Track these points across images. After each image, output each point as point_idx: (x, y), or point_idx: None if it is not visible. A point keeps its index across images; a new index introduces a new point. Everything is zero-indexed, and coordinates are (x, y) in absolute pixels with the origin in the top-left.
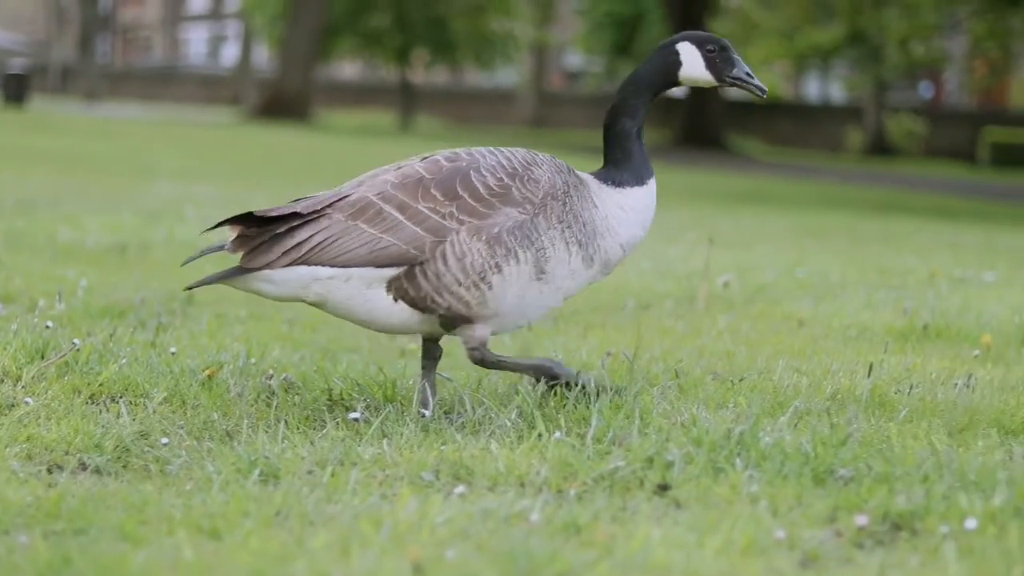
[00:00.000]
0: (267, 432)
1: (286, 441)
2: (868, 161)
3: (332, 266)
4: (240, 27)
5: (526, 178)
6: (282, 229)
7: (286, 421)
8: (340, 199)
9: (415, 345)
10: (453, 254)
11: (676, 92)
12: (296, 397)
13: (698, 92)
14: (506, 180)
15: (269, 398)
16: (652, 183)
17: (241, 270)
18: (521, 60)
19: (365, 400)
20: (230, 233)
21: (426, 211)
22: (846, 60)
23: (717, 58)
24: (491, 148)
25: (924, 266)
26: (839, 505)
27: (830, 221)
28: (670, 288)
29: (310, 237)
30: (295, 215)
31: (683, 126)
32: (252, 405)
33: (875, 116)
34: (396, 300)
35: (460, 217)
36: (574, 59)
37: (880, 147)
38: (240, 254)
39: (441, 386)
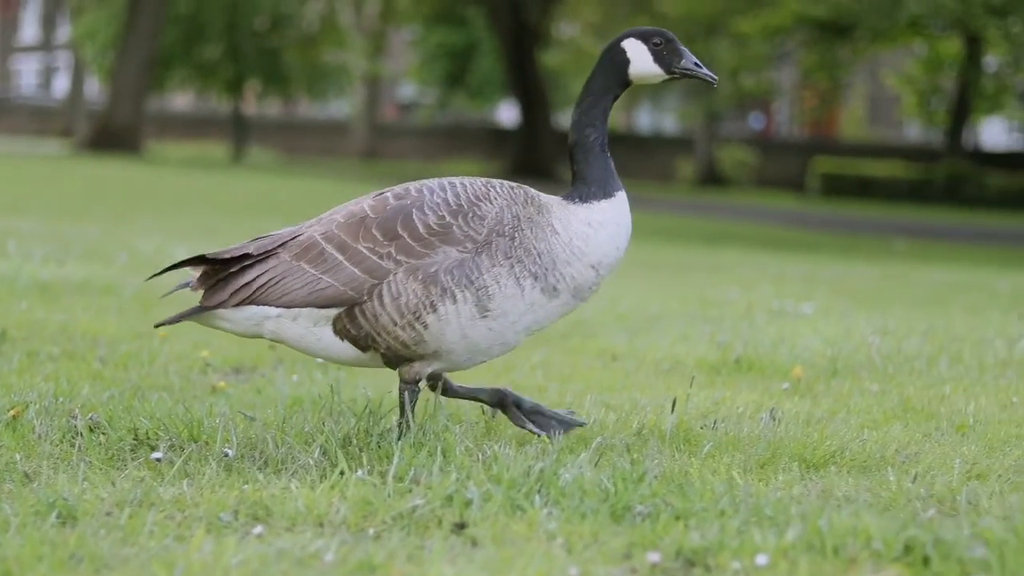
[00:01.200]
0: (68, 473)
1: (87, 482)
2: (699, 191)
3: (277, 306)
4: (71, 58)
5: (470, 215)
6: (235, 268)
7: (89, 462)
8: (292, 238)
9: (225, 383)
10: (389, 294)
11: (506, 122)
12: (101, 437)
13: (529, 123)
14: (448, 218)
15: (74, 438)
16: (621, 195)
17: (200, 308)
18: (354, 92)
19: (170, 439)
20: (192, 272)
21: (364, 251)
22: (677, 91)
23: (664, 50)
24: (446, 181)
25: (744, 298)
26: (634, 542)
27: (658, 253)
28: None
29: (257, 277)
30: (246, 255)
31: (515, 157)
32: (56, 445)
33: (706, 147)
34: (342, 339)
35: (398, 257)
36: (407, 90)
37: (711, 177)
38: (199, 292)
39: (247, 425)
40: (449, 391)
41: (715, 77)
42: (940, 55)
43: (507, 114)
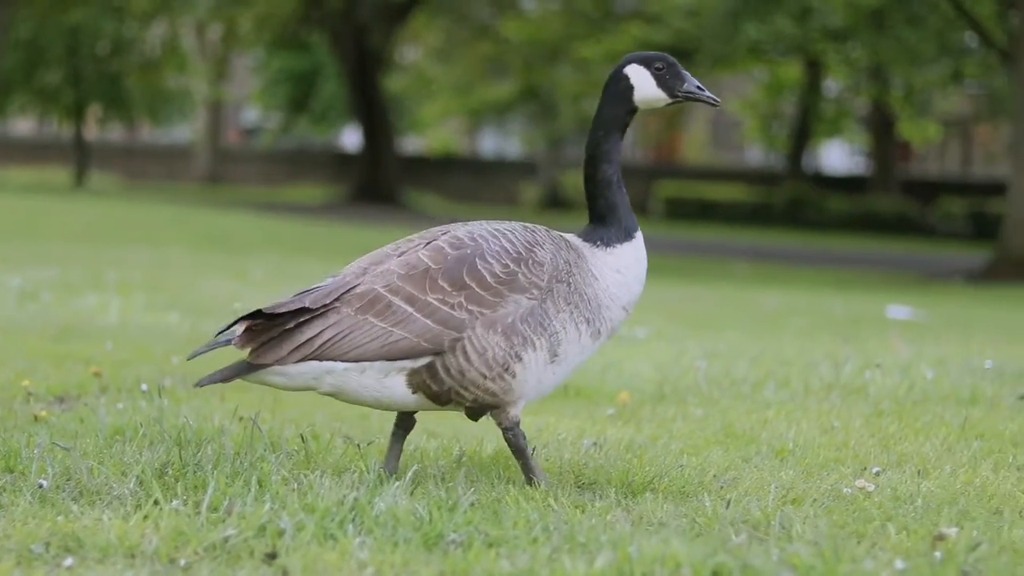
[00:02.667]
0: None
1: None
2: (543, 215)
3: (345, 360)
4: None
5: (530, 262)
6: (291, 325)
7: None
8: (347, 291)
9: (47, 411)
10: (474, 350)
11: (350, 147)
12: None
13: (372, 148)
14: (512, 266)
15: None
16: (639, 236)
17: (250, 366)
18: (196, 117)
19: None
20: (238, 328)
21: (435, 303)
22: (521, 116)
23: (667, 74)
24: (491, 229)
25: None
26: (445, 571)
27: None
28: None
29: (321, 332)
30: (304, 310)
31: (358, 182)
32: None
33: (550, 171)
34: (414, 392)
35: (469, 308)
36: (251, 115)
37: (555, 201)
38: (248, 349)
39: (65, 455)
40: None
41: (718, 100)
42: (781, 80)
43: (351, 139)
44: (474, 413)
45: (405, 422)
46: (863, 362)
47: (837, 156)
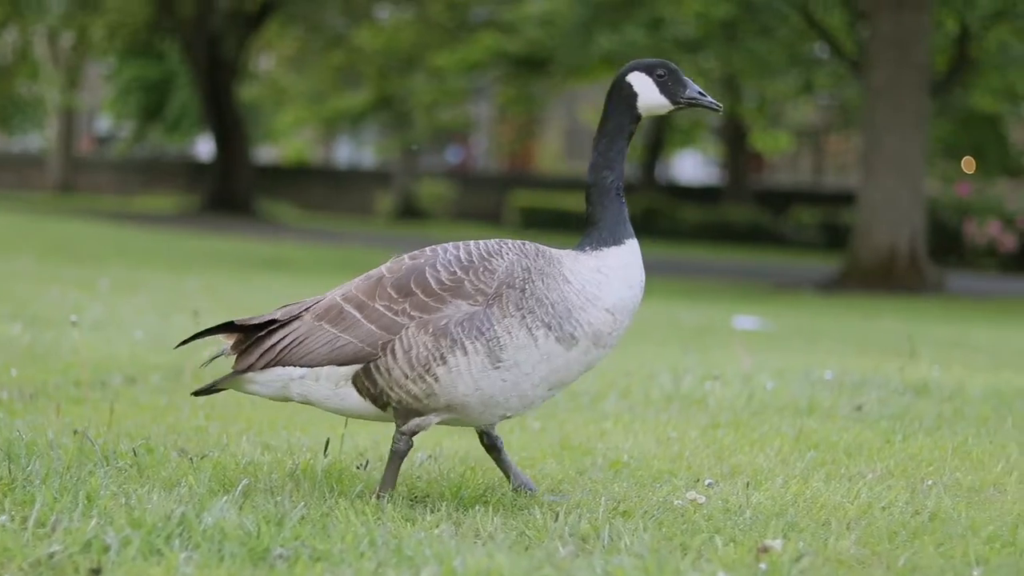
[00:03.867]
0: None
1: None
2: (397, 225)
3: (300, 365)
4: None
5: (481, 269)
6: (263, 333)
7: None
8: (316, 303)
9: None
10: (401, 348)
11: (204, 156)
12: None
13: (225, 157)
14: (459, 273)
15: None
16: (631, 243)
17: (233, 373)
18: (48, 125)
19: None
20: (225, 340)
21: (381, 308)
22: (375, 125)
23: (668, 81)
24: (461, 243)
25: None
26: None
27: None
28: (161, 360)
29: (282, 339)
30: (273, 321)
31: (211, 191)
32: None
33: (404, 180)
34: (363, 398)
35: (412, 313)
36: (104, 123)
37: (409, 211)
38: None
39: None
40: (494, 452)
41: (720, 105)
42: None
43: (205, 148)
44: (401, 417)
45: (487, 438)
46: (704, 373)
47: (691, 166)
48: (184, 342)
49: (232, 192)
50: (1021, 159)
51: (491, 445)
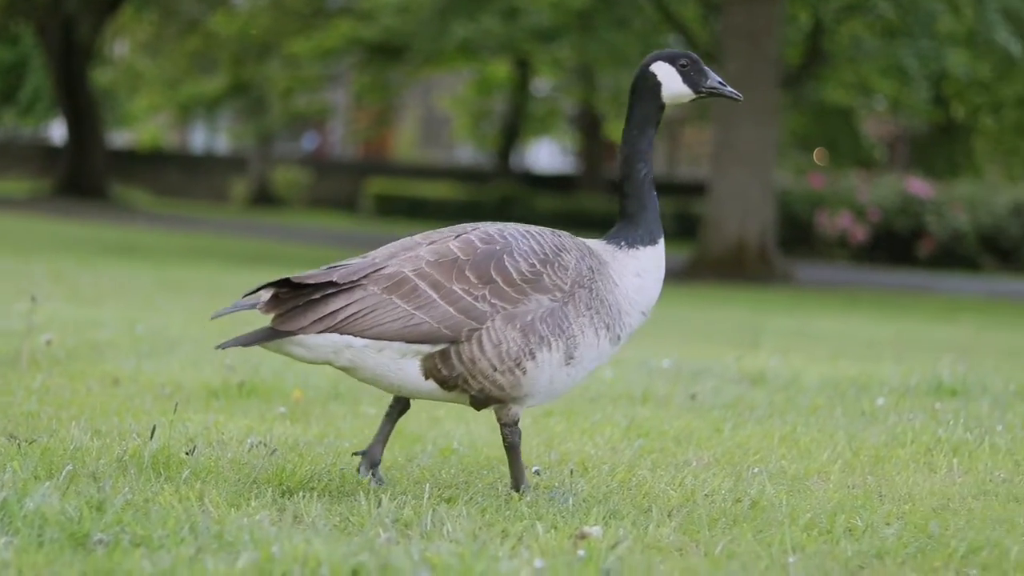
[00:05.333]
0: None
1: None
2: (252, 211)
3: (364, 337)
4: None
5: (556, 264)
6: (317, 296)
7: None
8: (376, 271)
9: None
10: (489, 340)
11: (58, 140)
12: None
13: (78, 141)
14: (538, 266)
15: None
16: (662, 242)
17: (273, 332)
18: None
19: None
20: (264, 294)
21: (460, 291)
22: (230, 111)
23: (691, 70)
24: (521, 229)
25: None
26: (88, 571)
27: (194, 274)
28: None
29: (345, 306)
30: (331, 283)
31: (63, 175)
32: None
33: (259, 166)
34: (427, 378)
35: (492, 301)
36: None
37: (264, 197)
38: (272, 315)
39: None
40: (393, 418)
41: (740, 95)
42: (490, 79)
43: (59, 131)
44: (478, 404)
45: (400, 403)
46: None
47: (546, 155)
48: (248, 294)
49: (85, 176)
50: (873, 151)
51: (399, 413)
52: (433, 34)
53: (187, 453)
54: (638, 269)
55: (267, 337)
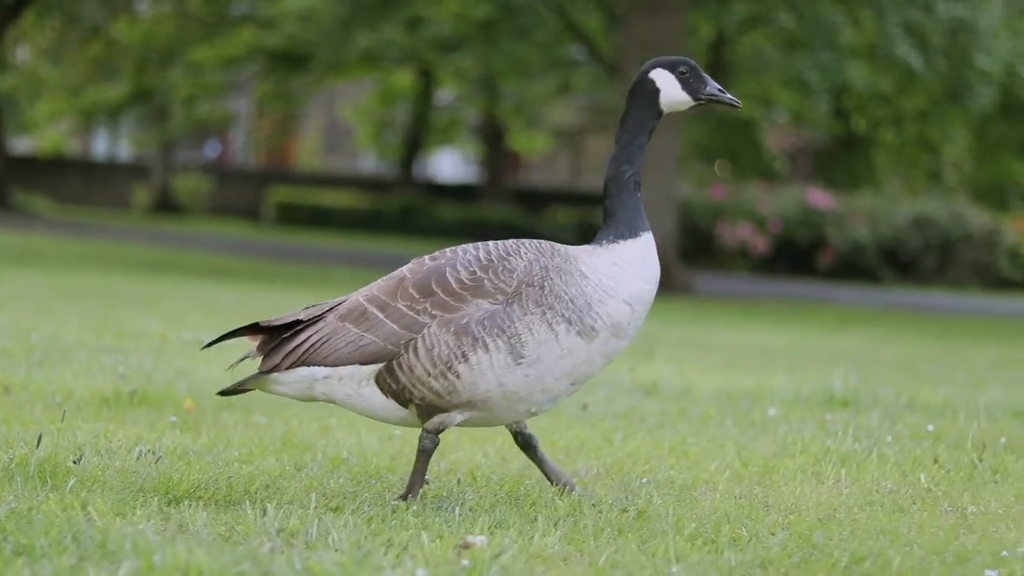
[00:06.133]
0: None
1: None
2: (154, 219)
3: (324, 365)
4: None
5: (500, 269)
6: (288, 334)
7: None
8: (339, 304)
9: None
10: (423, 345)
11: None
12: None
13: None
14: (479, 273)
15: None
16: (647, 236)
17: (259, 374)
18: None
19: None
20: (250, 342)
21: (403, 308)
22: (133, 118)
23: (690, 77)
24: (480, 243)
25: (162, 329)
26: None
27: (93, 281)
28: None
29: (307, 339)
30: (298, 321)
31: None
32: None
33: (161, 174)
34: (386, 396)
35: (433, 312)
36: None
37: (166, 205)
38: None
39: None
40: (529, 450)
41: (739, 102)
42: (394, 88)
43: None
44: (423, 415)
45: (520, 437)
46: None
47: (449, 165)
48: (210, 344)
49: None
50: (774, 163)
51: (526, 444)
52: (336, 43)
53: (74, 461)
54: (615, 259)
55: (254, 378)
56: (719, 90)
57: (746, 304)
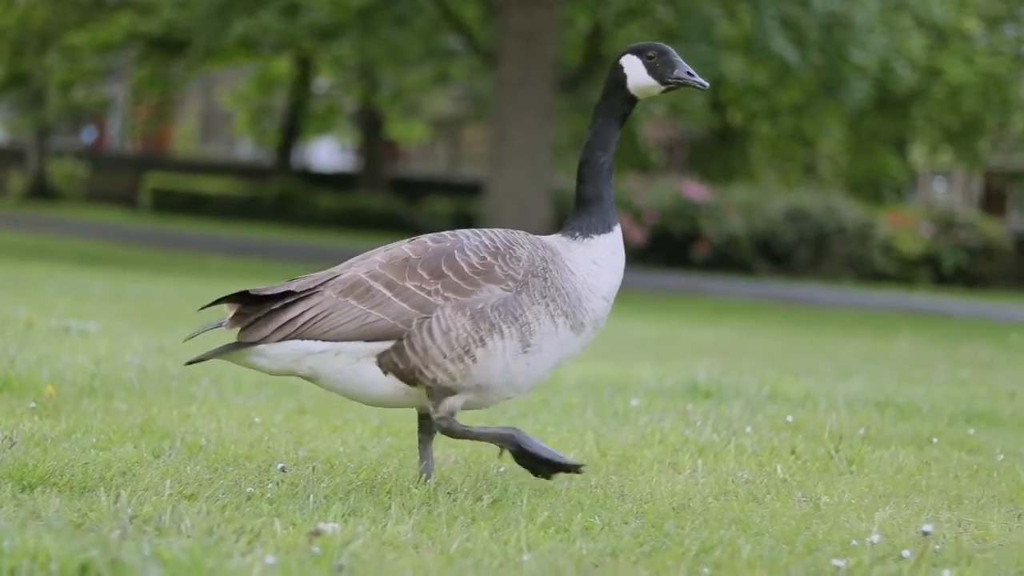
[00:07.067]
0: None
1: None
2: (28, 205)
3: (323, 340)
4: None
5: (508, 256)
6: (277, 306)
7: None
8: (332, 278)
9: None
10: (439, 328)
11: None
12: None
13: None
14: (489, 259)
15: None
16: (617, 229)
17: (238, 345)
18: None
19: None
20: (228, 311)
21: (413, 288)
22: (8, 102)
23: (657, 62)
24: (474, 230)
25: (30, 316)
26: None
27: None
28: None
29: (303, 313)
30: (289, 293)
31: None
32: None
33: (37, 159)
34: (386, 373)
35: (445, 294)
36: None
37: (41, 191)
38: (237, 330)
39: None
40: (425, 436)
41: (706, 84)
42: (271, 75)
43: None
44: (432, 396)
45: (428, 426)
46: None
47: (327, 153)
48: (204, 307)
49: None
50: (650, 155)
51: (426, 429)
52: (213, 29)
53: None
54: (594, 257)
55: (231, 349)
56: (688, 73)
57: (621, 295)
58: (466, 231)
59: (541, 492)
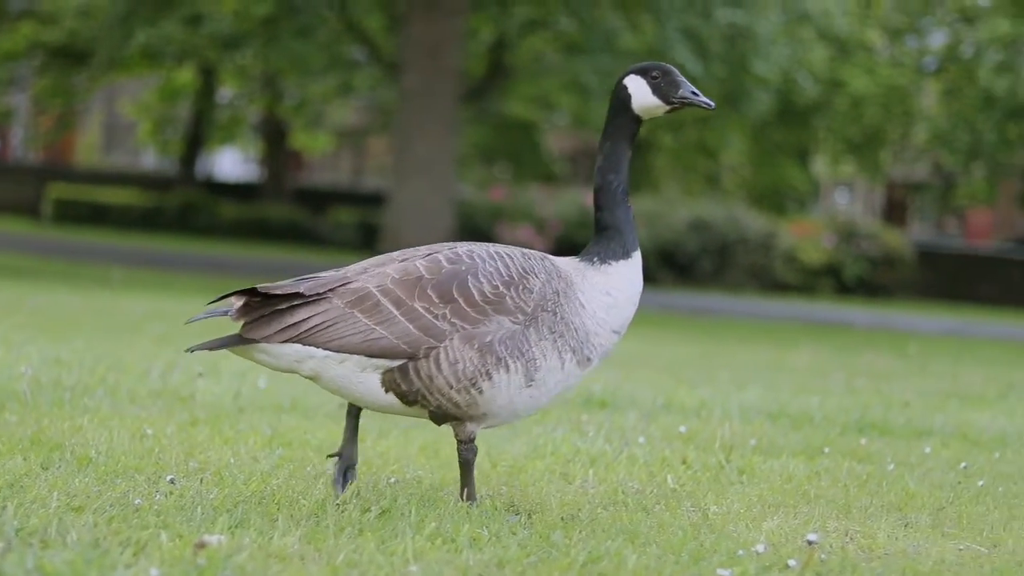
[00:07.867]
0: None
1: None
2: None
3: (327, 349)
4: None
5: (521, 287)
6: (284, 306)
7: None
8: (342, 284)
9: None
10: (446, 359)
11: None
12: None
13: None
14: (501, 288)
15: None
16: (637, 256)
17: (240, 339)
18: None
19: None
20: (235, 301)
21: (420, 309)
22: None
23: (662, 82)
24: (492, 251)
25: None
26: None
27: None
28: None
29: (309, 318)
30: (298, 294)
31: None
32: None
33: None
34: (387, 391)
35: (452, 320)
36: None
37: None
38: (241, 322)
39: None
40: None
41: (712, 104)
42: (175, 85)
43: None
44: (437, 419)
45: (357, 414)
46: (197, 370)
47: (231, 163)
48: (213, 301)
49: None
50: (554, 166)
51: (356, 417)
52: (115, 39)
53: None
54: (608, 287)
55: (234, 342)
56: (692, 92)
57: None
58: (482, 251)
59: (430, 503)
